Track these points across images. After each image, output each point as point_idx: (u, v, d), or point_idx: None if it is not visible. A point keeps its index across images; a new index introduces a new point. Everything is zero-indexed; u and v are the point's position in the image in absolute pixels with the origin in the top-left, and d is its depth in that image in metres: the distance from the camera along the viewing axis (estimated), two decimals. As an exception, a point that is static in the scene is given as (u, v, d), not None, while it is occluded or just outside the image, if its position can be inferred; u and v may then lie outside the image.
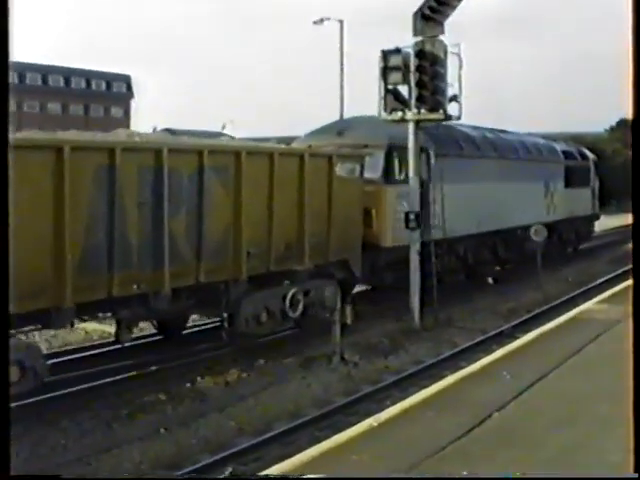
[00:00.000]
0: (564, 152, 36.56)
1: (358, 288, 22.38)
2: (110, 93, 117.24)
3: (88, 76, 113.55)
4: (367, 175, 20.60)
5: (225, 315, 17.05)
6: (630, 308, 6.16)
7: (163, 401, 14.27)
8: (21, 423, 12.58)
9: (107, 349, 17.31)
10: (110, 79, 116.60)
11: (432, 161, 23.47)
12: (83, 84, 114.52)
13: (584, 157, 39.49)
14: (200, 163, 15.59)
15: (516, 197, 28.90)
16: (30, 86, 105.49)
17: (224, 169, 16.28)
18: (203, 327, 19.89)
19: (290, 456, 9.52)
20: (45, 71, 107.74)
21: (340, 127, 23.55)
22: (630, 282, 6.83)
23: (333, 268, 19.74)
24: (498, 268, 29.78)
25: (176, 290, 15.40)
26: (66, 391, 14.43)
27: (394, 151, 22.31)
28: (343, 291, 19.74)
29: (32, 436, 12.29)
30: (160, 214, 14.73)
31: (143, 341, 18.19)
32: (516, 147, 30.79)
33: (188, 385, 15.17)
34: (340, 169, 19.30)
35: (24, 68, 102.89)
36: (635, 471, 5.96)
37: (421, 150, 22.16)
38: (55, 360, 15.88)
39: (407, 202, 21.60)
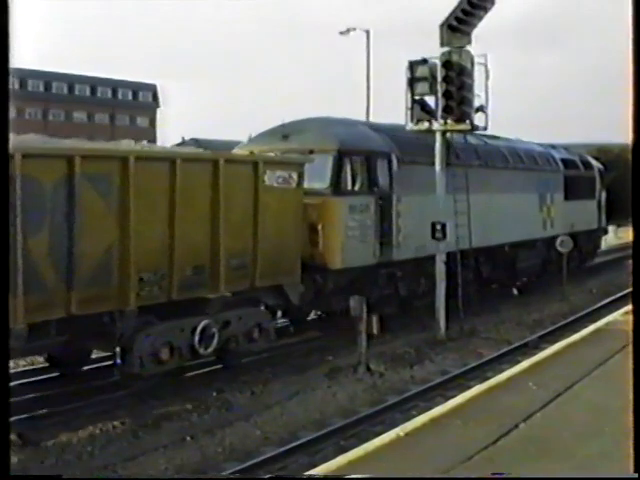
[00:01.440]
0: (564, 160, 32.65)
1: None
2: (136, 102, 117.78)
3: (114, 85, 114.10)
4: (313, 185, 18.39)
5: (117, 350, 14.47)
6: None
7: (189, 410, 14.32)
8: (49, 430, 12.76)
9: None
10: (136, 88, 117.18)
11: (394, 168, 20.80)
12: (109, 93, 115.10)
13: (588, 166, 35.45)
14: (70, 171, 13.01)
15: (504, 210, 25.83)
16: (56, 95, 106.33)
17: (104, 178, 13.72)
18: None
19: (316, 465, 9.57)
20: (71, 80, 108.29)
21: (285, 130, 20.55)
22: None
23: (262, 295, 17.27)
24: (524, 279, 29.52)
25: (37, 324, 12.78)
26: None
27: (345, 157, 19.64)
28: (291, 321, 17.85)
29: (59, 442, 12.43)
30: (11, 232, 11.78)
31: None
32: (504, 154, 27.32)
33: (214, 394, 15.20)
34: (270, 178, 16.82)
35: (50, 77, 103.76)
36: (635, 471, 5.96)
37: (380, 155, 20.61)
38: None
39: (362, 216, 19.65)
